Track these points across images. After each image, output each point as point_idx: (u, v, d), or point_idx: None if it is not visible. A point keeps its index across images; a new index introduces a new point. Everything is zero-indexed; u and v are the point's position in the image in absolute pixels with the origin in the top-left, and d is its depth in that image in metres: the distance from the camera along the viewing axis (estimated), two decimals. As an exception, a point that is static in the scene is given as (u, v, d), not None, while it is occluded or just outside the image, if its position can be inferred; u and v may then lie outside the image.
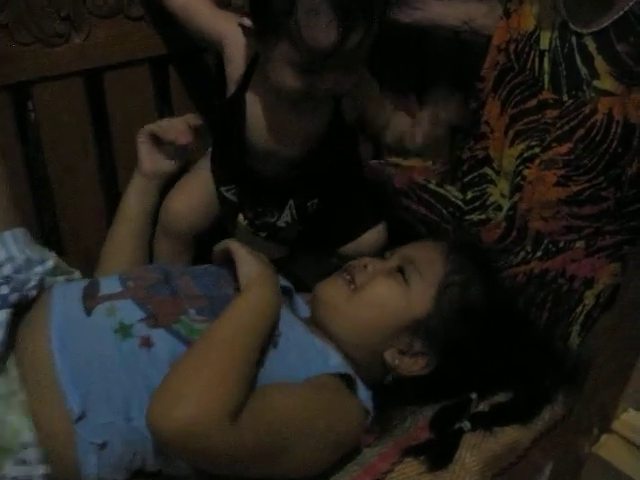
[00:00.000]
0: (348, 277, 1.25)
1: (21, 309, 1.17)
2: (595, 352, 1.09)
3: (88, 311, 1.13)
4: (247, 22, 1.21)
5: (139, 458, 1.11)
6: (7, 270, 1.21)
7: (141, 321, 1.12)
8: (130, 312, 1.13)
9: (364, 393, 1.19)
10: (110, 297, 1.15)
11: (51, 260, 1.29)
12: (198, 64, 1.50)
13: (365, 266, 1.27)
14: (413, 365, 1.20)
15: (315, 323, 1.26)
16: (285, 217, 1.42)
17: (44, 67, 1.36)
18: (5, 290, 1.14)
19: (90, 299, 1.15)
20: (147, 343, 1.10)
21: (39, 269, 1.25)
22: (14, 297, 1.13)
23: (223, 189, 1.40)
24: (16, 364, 1.11)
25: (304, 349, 1.17)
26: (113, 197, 1.53)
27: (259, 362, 1.10)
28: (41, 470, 1.06)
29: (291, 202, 1.41)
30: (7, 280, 1.17)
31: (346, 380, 1.18)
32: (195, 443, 0.97)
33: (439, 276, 1.22)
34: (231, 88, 1.31)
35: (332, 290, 1.26)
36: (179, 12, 1.34)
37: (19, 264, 1.23)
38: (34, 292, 1.19)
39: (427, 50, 1.65)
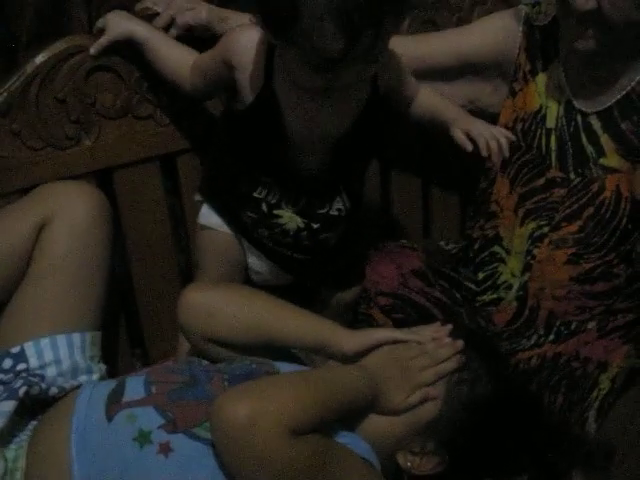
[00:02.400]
0: None
1: (47, 405, 1.20)
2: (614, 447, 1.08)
3: (109, 417, 1.13)
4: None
5: None
6: (51, 372, 1.26)
7: (160, 427, 1.11)
8: (150, 419, 1.12)
9: None
10: (132, 404, 1.15)
11: (97, 373, 1.32)
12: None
13: None
14: (426, 465, 1.19)
15: None
16: (337, 204, 1.38)
17: (55, 171, 1.38)
18: (18, 384, 1.17)
19: (113, 404, 1.15)
20: (166, 449, 1.09)
21: (83, 378, 1.29)
22: (22, 390, 1.16)
23: (256, 193, 1.36)
24: (27, 456, 1.12)
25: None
26: (129, 295, 1.55)
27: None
28: None
29: (341, 188, 1.38)
30: (24, 375, 1.21)
31: None
32: (248, 437, 0.98)
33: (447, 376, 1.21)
34: (247, 96, 1.28)
35: None
36: (195, 80, 1.35)
37: (63, 369, 1.27)
38: (55, 390, 1.21)
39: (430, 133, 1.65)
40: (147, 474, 1.09)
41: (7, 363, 1.25)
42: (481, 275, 1.56)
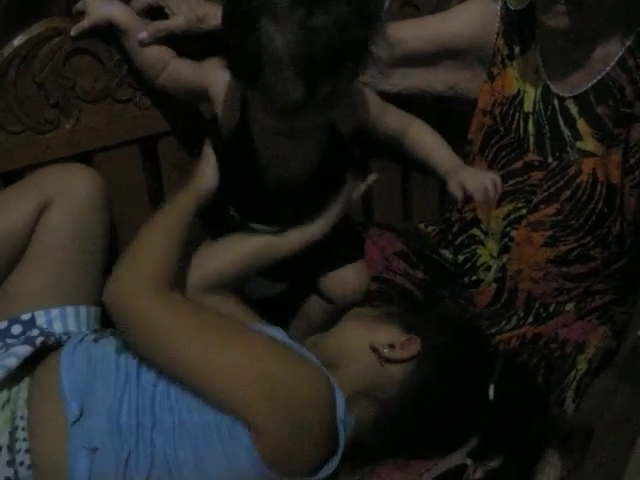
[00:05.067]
0: None
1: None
2: (591, 426, 1.10)
3: (96, 340, 1.26)
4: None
5: (132, 467, 1.13)
6: None
7: None
8: None
9: (341, 410, 1.18)
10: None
11: None
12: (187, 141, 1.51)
13: None
14: (403, 352, 1.23)
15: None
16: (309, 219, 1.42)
17: (35, 155, 1.37)
18: (35, 333, 1.26)
19: (103, 333, 1.28)
20: None
21: None
22: (39, 340, 1.23)
23: (232, 212, 1.40)
24: (28, 387, 1.18)
25: None
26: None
27: None
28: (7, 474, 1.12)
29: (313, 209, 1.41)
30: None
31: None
32: (127, 301, 1.16)
33: None
34: (227, 128, 1.31)
35: None
36: (167, 82, 1.37)
37: None
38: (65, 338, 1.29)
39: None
40: (123, 374, 1.18)
41: (16, 329, 1.28)
42: (461, 257, 1.58)
